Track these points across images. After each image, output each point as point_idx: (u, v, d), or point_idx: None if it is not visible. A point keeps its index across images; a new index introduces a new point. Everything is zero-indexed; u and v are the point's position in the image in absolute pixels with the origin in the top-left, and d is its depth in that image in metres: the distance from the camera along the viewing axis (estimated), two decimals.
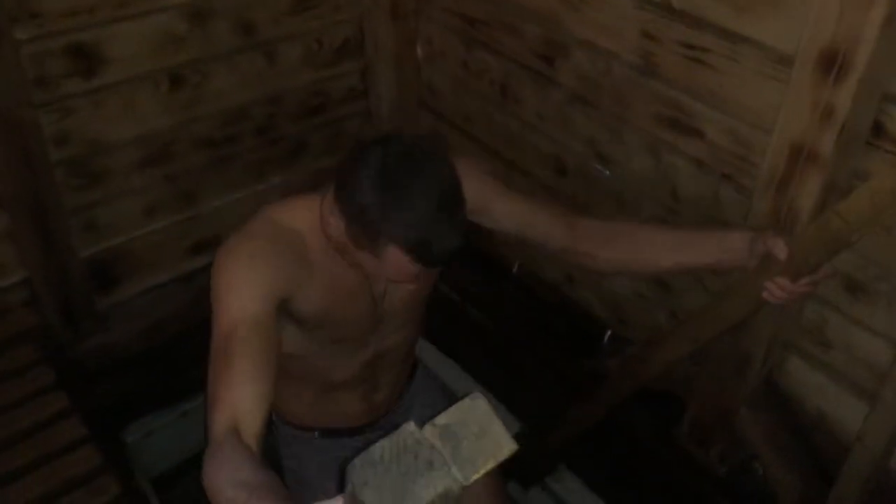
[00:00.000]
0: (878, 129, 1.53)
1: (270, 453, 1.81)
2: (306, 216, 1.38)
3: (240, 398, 1.16)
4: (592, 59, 2.05)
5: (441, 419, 0.77)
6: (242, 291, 1.26)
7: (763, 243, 1.40)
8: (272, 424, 1.82)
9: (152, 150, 2.27)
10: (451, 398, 2.26)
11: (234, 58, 2.30)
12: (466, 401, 0.79)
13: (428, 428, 0.75)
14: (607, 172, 2.16)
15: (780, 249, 1.36)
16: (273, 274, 1.30)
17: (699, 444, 2.11)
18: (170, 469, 2.67)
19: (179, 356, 2.46)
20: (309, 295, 1.39)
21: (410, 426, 0.74)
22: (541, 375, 2.51)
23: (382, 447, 0.73)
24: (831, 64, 1.46)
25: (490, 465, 0.77)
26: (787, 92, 1.59)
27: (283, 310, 1.34)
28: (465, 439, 0.75)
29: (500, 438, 0.77)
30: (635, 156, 2.06)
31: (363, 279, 1.46)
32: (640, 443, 2.25)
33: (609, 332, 2.36)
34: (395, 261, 1.26)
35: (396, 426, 0.76)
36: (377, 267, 1.31)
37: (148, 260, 2.40)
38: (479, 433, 0.77)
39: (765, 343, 1.87)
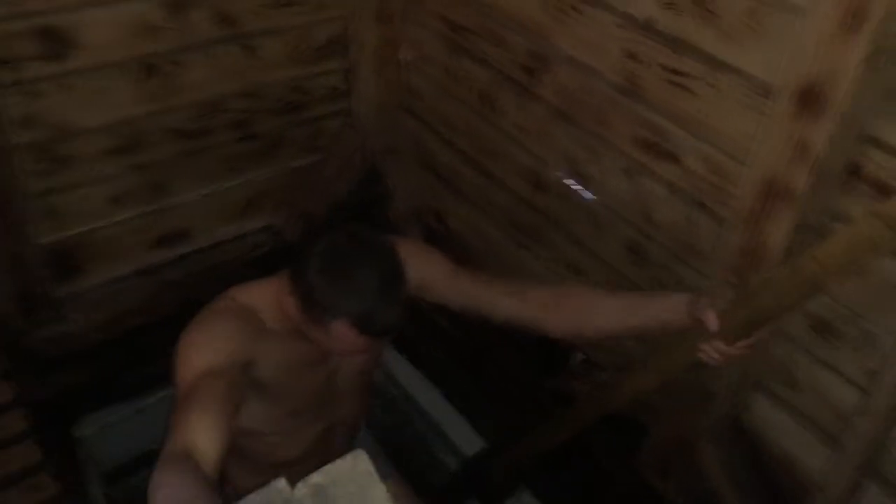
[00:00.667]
0: (854, 170, 1.48)
1: None
2: (265, 296, 1.50)
3: (196, 430, 1.20)
4: (574, 74, 2.00)
5: (315, 476, 0.69)
6: (206, 348, 1.38)
7: (696, 310, 1.38)
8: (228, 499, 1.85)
9: (122, 138, 2.21)
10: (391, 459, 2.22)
11: (212, 49, 2.24)
12: (347, 457, 0.72)
13: (300, 486, 0.67)
14: (592, 196, 2.10)
15: (711, 322, 1.35)
16: (235, 338, 1.41)
17: (659, 475, 2.06)
18: (123, 465, 2.61)
19: (138, 351, 2.41)
20: (268, 362, 1.48)
21: (281, 483, 0.67)
22: (506, 391, 2.46)
23: None
24: (809, 99, 1.41)
25: None
26: (764, 124, 1.54)
27: (246, 376, 1.42)
28: (340, 500, 0.68)
29: (378, 500, 0.69)
30: (611, 176, 2.01)
31: (318, 355, 1.57)
32: (601, 467, 2.20)
33: (580, 355, 2.31)
34: (342, 334, 1.38)
35: None
36: (328, 341, 1.43)
37: (111, 250, 2.34)
38: (356, 495, 0.69)
39: (729, 380, 1.82)
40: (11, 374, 2.03)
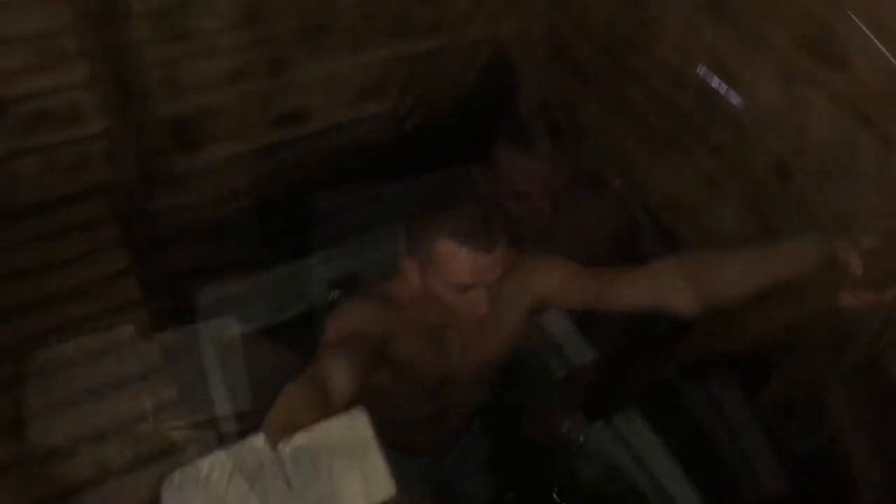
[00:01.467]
0: None
1: None
2: (406, 290, 1.59)
3: (333, 367, 1.30)
4: None
5: (302, 437, 0.56)
6: (357, 317, 1.55)
7: (835, 250, 1.21)
8: None
9: (244, 8, 2.13)
10: None
11: None
12: (343, 417, 0.58)
13: (281, 447, 0.55)
14: (739, 101, 1.85)
15: (853, 264, 1.17)
16: (382, 317, 1.56)
17: (780, 417, 1.88)
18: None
19: (250, 228, 2.41)
20: (399, 342, 1.58)
21: (258, 440, 0.55)
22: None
23: (213, 462, 0.53)
24: None
25: None
26: None
27: (381, 352, 1.52)
28: (327, 470, 0.55)
29: (375, 474, 0.55)
30: (764, 79, 1.75)
31: (441, 354, 1.67)
32: (716, 403, 2.04)
33: None
34: (449, 256, 1.42)
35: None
36: (443, 279, 1.45)
37: (230, 126, 2.31)
38: (347, 463, 0.55)
39: (875, 321, 1.59)
40: (127, 242, 2.07)
